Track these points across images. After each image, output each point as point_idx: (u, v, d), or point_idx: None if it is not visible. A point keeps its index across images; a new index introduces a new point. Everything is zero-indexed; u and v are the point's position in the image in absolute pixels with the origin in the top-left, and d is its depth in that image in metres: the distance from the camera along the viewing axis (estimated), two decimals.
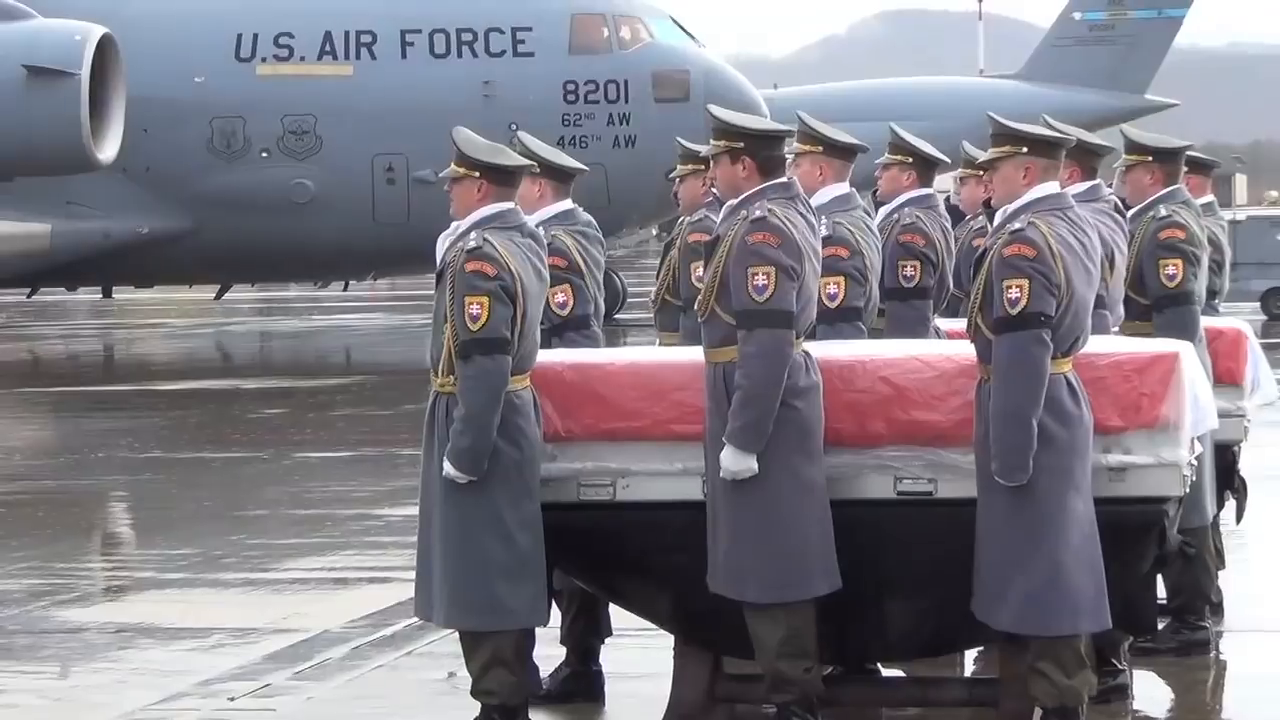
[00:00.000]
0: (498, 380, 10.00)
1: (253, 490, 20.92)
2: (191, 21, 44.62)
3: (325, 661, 12.67)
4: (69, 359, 41.42)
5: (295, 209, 44.03)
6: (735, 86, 42.74)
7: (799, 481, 9.88)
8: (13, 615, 14.60)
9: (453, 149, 10.57)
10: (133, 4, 44.43)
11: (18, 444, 27.45)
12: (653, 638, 11.31)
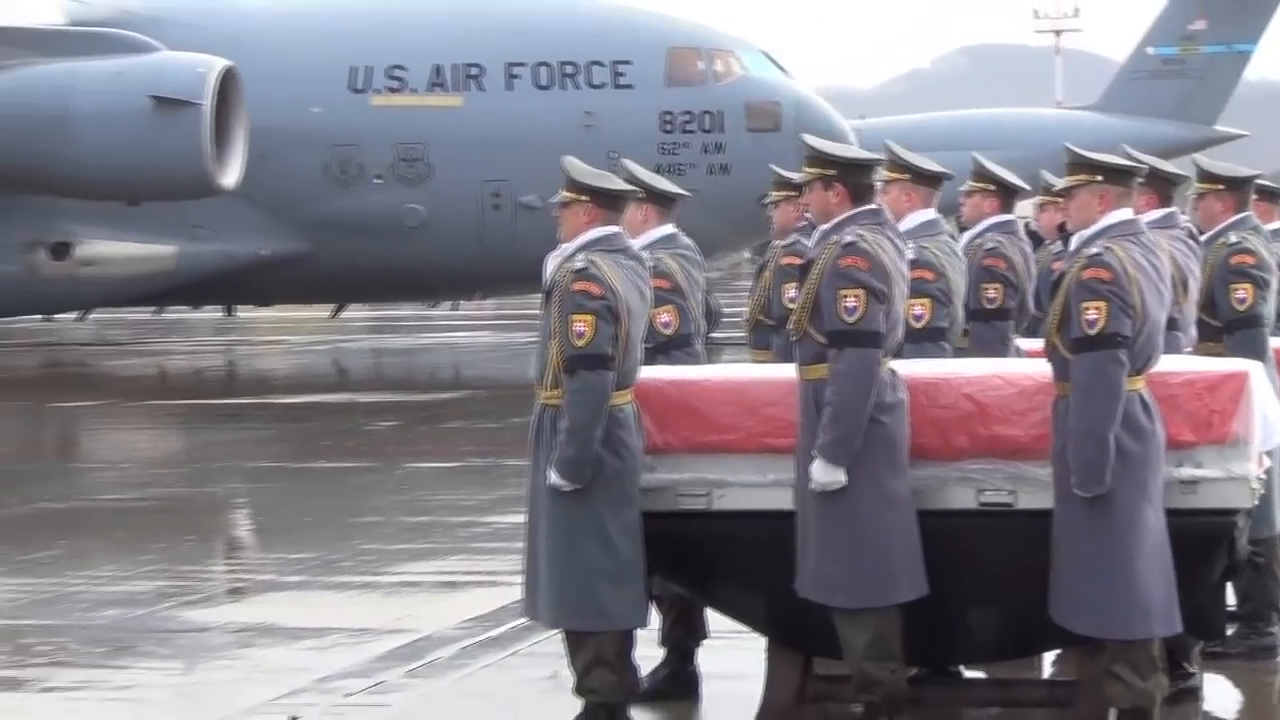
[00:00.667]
0: (601, 394, 10.11)
1: (366, 498, 21.03)
2: (309, 55, 44.79)
3: (436, 660, 12.77)
4: (194, 374, 41.65)
5: (407, 232, 44.20)
6: (824, 117, 42.72)
7: (885, 493, 9.95)
8: (141, 615, 14.74)
9: (562, 175, 10.70)
10: (254, 38, 44.63)
11: (146, 454, 27.66)
12: (746, 640, 11.35)
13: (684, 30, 45.36)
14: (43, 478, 24.20)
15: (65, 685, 12.62)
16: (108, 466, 26.33)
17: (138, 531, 19.30)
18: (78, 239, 44.92)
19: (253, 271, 45.33)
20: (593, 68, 44.01)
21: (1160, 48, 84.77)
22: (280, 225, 44.52)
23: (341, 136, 44.34)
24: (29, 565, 17.08)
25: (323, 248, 44.43)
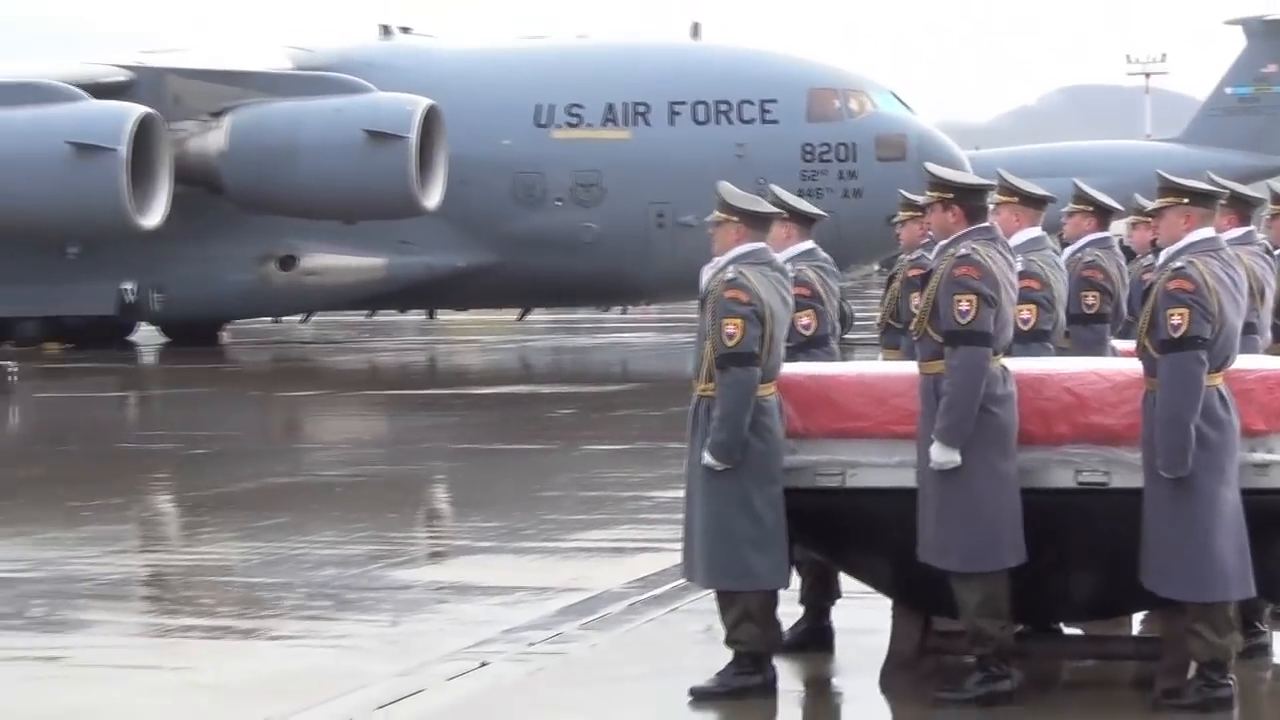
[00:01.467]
0: (748, 387, 10.16)
1: (548, 475, 21.09)
2: (500, 95, 45.02)
3: (606, 615, 12.78)
4: (399, 368, 41.86)
5: (583, 247, 44.36)
6: (944, 147, 42.59)
7: (995, 473, 9.97)
8: (355, 575, 14.82)
9: (717, 198, 10.76)
10: (452, 80, 44.88)
11: (358, 436, 27.81)
12: (874, 600, 11.34)
13: (823, 72, 45.34)
14: (271, 457, 24.38)
15: (290, 634, 12.72)
16: (326, 447, 26.55)
17: (351, 503, 19.43)
18: (302, 253, 45.39)
19: (451, 280, 45.74)
20: (743, 105, 44.14)
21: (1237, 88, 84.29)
22: (474, 241, 44.78)
23: (527, 165, 44.63)
24: (260, 531, 17.22)
25: (511, 260, 44.72)
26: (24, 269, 44.77)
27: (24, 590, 14.43)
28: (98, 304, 45.04)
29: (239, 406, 32.99)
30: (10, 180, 41.97)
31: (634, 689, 10.87)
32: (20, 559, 15.78)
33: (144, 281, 44.98)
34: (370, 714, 10.31)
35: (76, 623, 13.41)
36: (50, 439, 27.91)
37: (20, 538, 16.96)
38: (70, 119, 42.46)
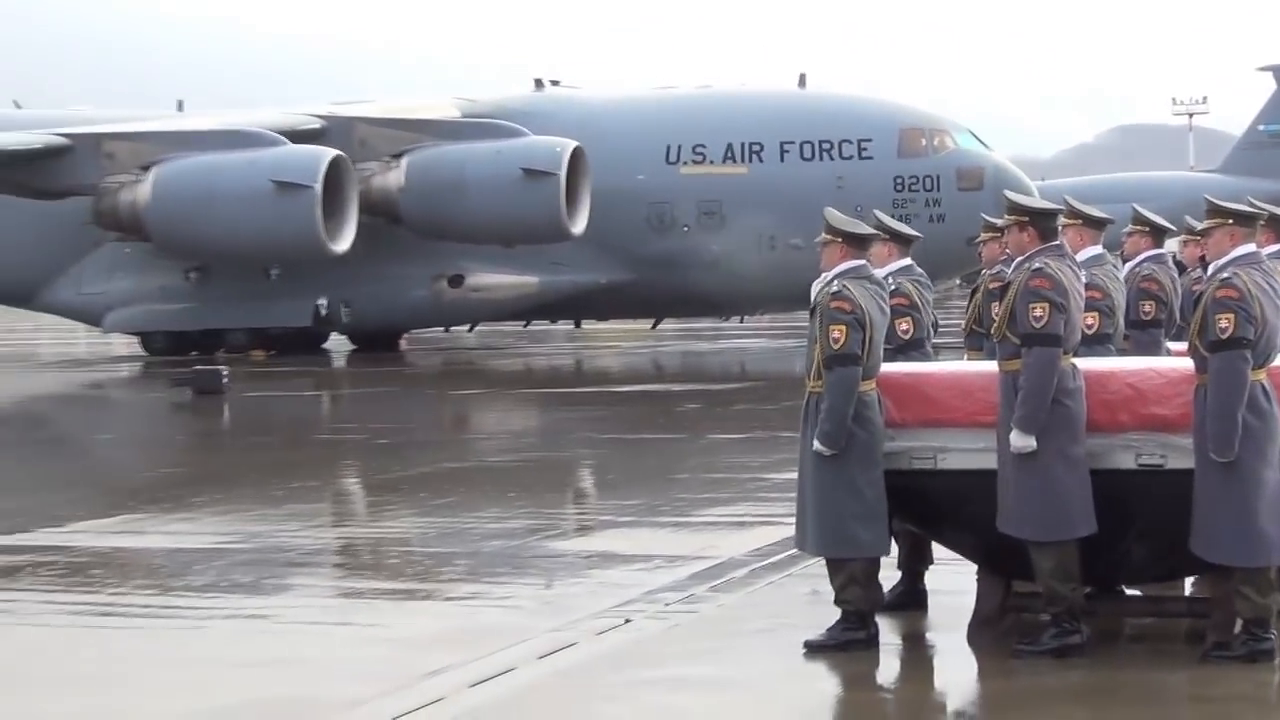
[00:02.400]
0: (851, 384, 10.24)
1: (678, 460, 21.06)
2: (635, 137, 45.21)
3: (731, 579, 12.77)
4: (551, 369, 42.00)
5: (707, 266, 44.45)
6: (1015, 179, 42.37)
7: (1067, 456, 10.01)
8: (516, 545, 14.86)
9: (824, 223, 10.84)
10: (595, 124, 45.06)
11: (516, 427, 27.94)
12: (962, 566, 11.30)
13: (911, 115, 45.26)
14: (444, 445, 24.52)
15: (461, 596, 12.79)
16: (489, 436, 26.63)
17: (511, 484, 19.46)
18: (469, 272, 45.69)
19: (594, 295, 45.98)
20: (843, 144, 44.20)
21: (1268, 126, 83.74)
22: (614, 261, 44.92)
23: (659, 196, 44.80)
24: (435, 508, 17.28)
25: (645, 278, 44.92)
26: (235, 288, 45.34)
27: (237, 559, 14.57)
28: (296, 317, 45.45)
29: (416, 403, 33.17)
30: (224, 213, 42.54)
31: (755, 642, 10.84)
32: (234, 532, 15.92)
33: (335, 298, 45.38)
34: (532, 663, 10.33)
35: (281, 586, 13.53)
36: (257, 431, 28.15)
37: (233, 515, 17.11)
38: (273, 161, 42.88)
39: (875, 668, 10.28)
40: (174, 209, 43.33)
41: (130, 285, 46.81)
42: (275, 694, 9.79)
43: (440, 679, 9.92)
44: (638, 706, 9.39)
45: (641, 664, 10.31)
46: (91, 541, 15.63)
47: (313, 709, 9.35)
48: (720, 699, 9.54)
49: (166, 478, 21.85)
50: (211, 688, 10.00)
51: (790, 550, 12.22)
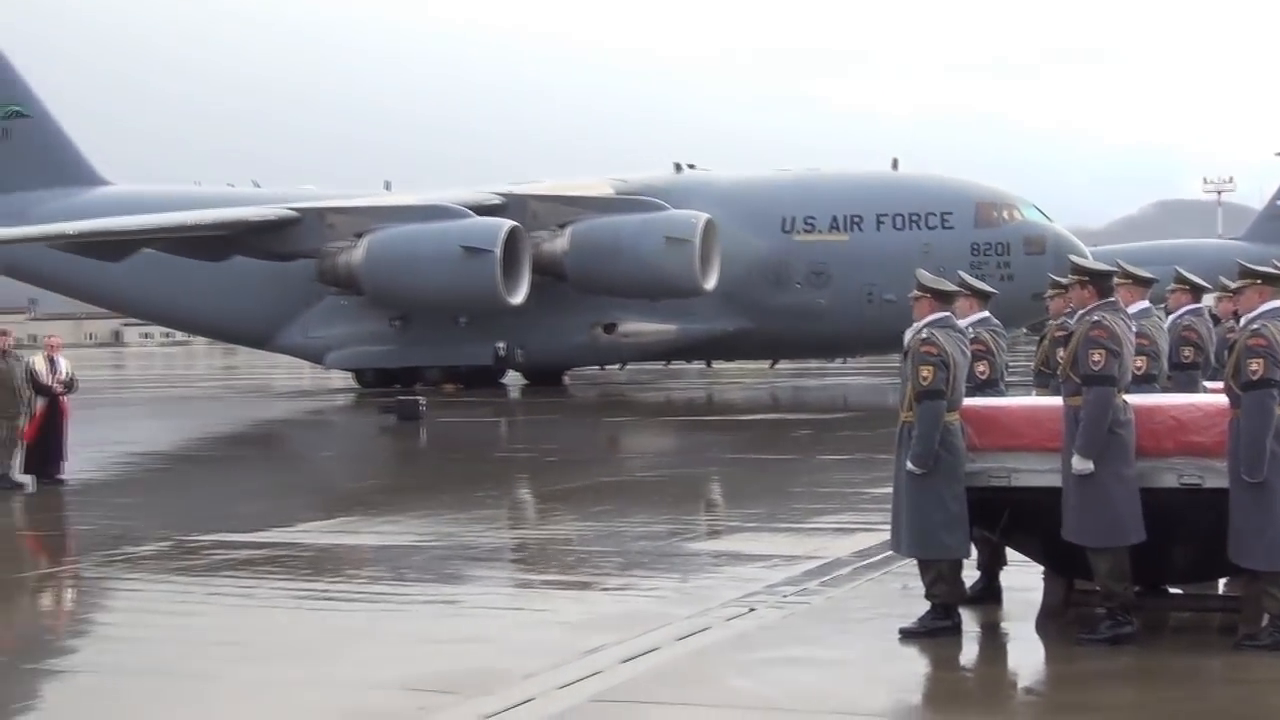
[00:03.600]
0: (938, 415, 10.28)
1: (793, 476, 20.96)
2: (757, 210, 45.33)
3: (837, 576, 12.69)
4: (686, 400, 41.93)
5: (816, 316, 44.34)
6: (1073, 245, 42.01)
7: (1120, 477, 9.97)
8: (660, 545, 14.85)
9: (915, 281, 10.85)
10: (725, 200, 45.24)
11: (657, 448, 27.87)
12: (1031, 567, 11.21)
13: (986, 191, 45.00)
14: (599, 463, 24.49)
15: (614, 587, 12.77)
16: (637, 455, 26.58)
17: (656, 494, 19.42)
18: (621, 321, 45.93)
19: (722, 340, 46.16)
20: (928, 215, 44.12)
21: None
22: (739, 312, 45.03)
23: (776, 259, 44.89)
24: (593, 514, 17.27)
25: (764, 326, 45.07)
26: (430, 333, 45.81)
27: (433, 554, 14.65)
28: (480, 357, 45.84)
29: (577, 428, 33.26)
30: (422, 272, 43.09)
31: (858, 629, 10.78)
32: (430, 532, 16.01)
33: (511, 341, 45.75)
34: (672, 644, 10.33)
35: (468, 577, 13.59)
36: (448, 450, 28.33)
37: (429, 518, 17.19)
38: (462, 230, 43.33)
39: (958, 651, 10.21)
40: (382, 269, 44.00)
41: (346, 331, 47.47)
42: (464, 666, 9.84)
43: (597, 656, 9.94)
44: (761, 680, 9.33)
45: (764, 646, 10.25)
46: (315, 539, 15.79)
47: (495, 679, 9.37)
48: (829, 675, 9.50)
49: (375, 487, 22.05)
50: (412, 660, 10.09)
51: (887, 552, 12.16)
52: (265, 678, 9.81)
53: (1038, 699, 9.46)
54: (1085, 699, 9.05)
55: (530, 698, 8.92)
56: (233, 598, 12.65)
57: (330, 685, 9.44)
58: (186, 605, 12.42)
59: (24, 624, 12.41)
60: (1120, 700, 9.03)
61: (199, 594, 12.86)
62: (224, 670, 10.02)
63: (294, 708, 8.96)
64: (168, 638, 11.19)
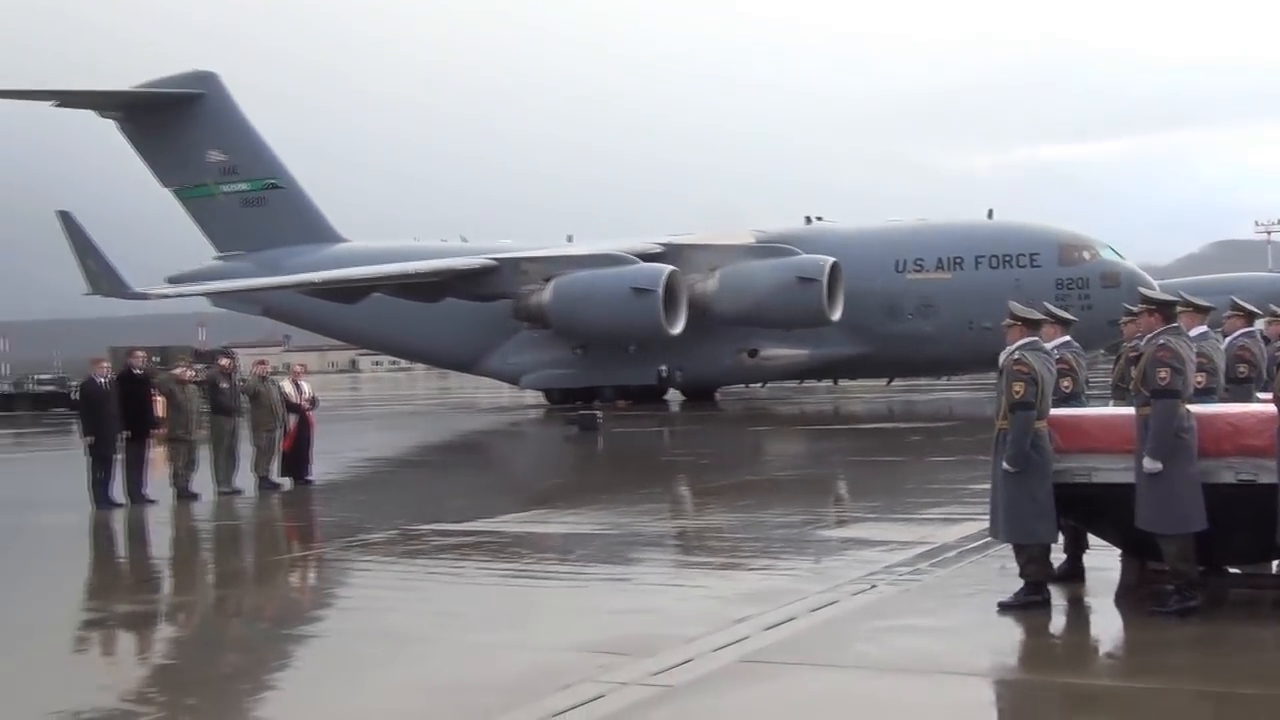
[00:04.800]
0: (1028, 424, 10.21)
1: (905, 476, 20.77)
2: (874, 254, 44.97)
3: (944, 558, 12.55)
4: (817, 412, 41.62)
5: (924, 342, 43.93)
6: (1142, 279, 41.14)
7: (1184, 475, 9.84)
8: (796, 532, 14.78)
9: (1007, 311, 10.78)
10: (847, 246, 44.93)
11: (793, 452, 27.73)
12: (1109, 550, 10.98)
13: (1068, 235, 44.22)
14: (745, 464, 24.46)
15: (758, 567, 12.71)
16: (775, 458, 26.46)
17: (792, 490, 19.37)
18: (761, 347, 45.87)
19: (846, 362, 45.89)
20: (1019, 256, 43.56)
21: None
22: (860, 339, 44.73)
23: (890, 295, 44.58)
24: (739, 507, 17.24)
25: (881, 350, 44.88)
26: (606, 358, 46.06)
27: (609, 540, 14.74)
28: (646, 378, 46.01)
29: (726, 436, 33.22)
30: (599, 309, 43.44)
31: (963, 602, 10.65)
32: (606, 522, 16.10)
33: (671, 364, 45.86)
34: (807, 614, 10.28)
35: (637, 559, 13.66)
36: (620, 455, 28.45)
37: (606, 510, 17.29)
38: (631, 274, 43.58)
39: (1048, 621, 10.05)
40: (566, 307, 44.41)
41: (537, 358, 47.94)
42: (635, 632, 9.87)
43: (745, 624, 9.93)
44: (881, 645, 9.27)
45: (883, 616, 10.18)
46: (513, 528, 15.93)
47: (659, 643, 9.39)
48: (938, 640, 9.38)
49: (561, 486, 22.23)
50: (592, 627, 10.15)
51: (986, 539, 11.98)
52: (475, 641, 9.95)
53: (1116, 661, 9.28)
54: (1157, 662, 8.89)
55: (689, 659, 8.93)
56: (447, 576, 12.83)
57: (526, 648, 9.53)
58: (410, 582, 12.62)
59: (281, 597, 12.72)
60: (1186, 663, 8.85)
61: (420, 573, 13.06)
62: (441, 634, 10.18)
63: (499, 665, 9.07)
64: (395, 608, 11.38)
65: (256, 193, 54.50)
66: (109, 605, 12.28)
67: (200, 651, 10.37)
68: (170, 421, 20.94)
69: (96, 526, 17.88)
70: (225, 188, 54.55)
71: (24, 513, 19.02)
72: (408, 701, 8.23)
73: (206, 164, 54.37)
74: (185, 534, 17.23)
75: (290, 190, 54.75)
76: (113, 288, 47.30)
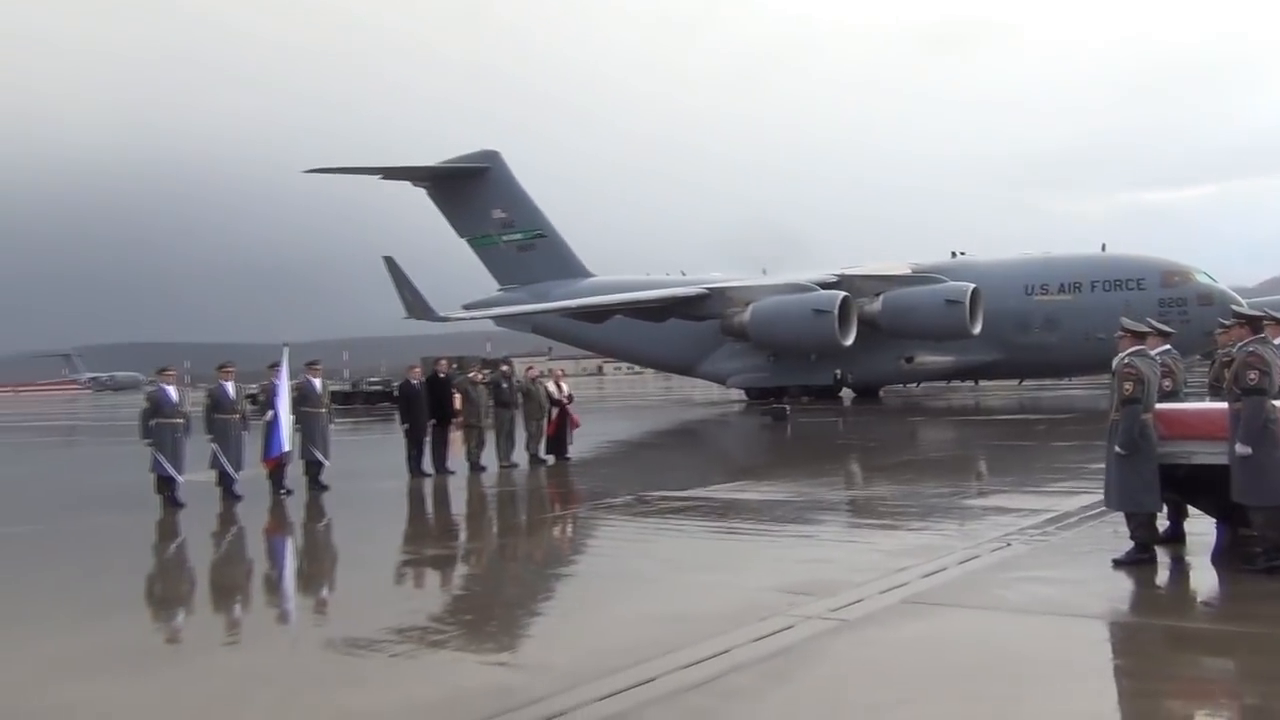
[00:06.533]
0: (1137, 415, 9.87)
1: (1032, 460, 19.97)
2: (1008, 280, 43.65)
3: (1067, 523, 12.06)
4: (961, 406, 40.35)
5: (1049, 350, 42.44)
6: (1232, 297, 39.18)
7: (1273, 457, 9.28)
8: (946, 500, 14.37)
9: (1119, 325, 10.30)
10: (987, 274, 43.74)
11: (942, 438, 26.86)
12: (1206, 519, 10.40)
13: (1169, 263, 42.05)
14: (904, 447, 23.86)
15: (915, 528, 12.39)
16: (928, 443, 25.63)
17: (941, 468, 18.82)
18: (917, 354, 44.82)
19: (985, 366, 44.51)
20: (1127, 281, 41.66)
21: None
22: (996, 348, 43.41)
23: (1021, 313, 43.19)
24: (900, 480, 16.81)
25: (1014, 357, 43.52)
26: (793, 364, 45.74)
27: (795, 506, 14.51)
28: (825, 379, 45.50)
29: (889, 426, 32.45)
30: (788, 327, 43.25)
31: (1083, 559, 10.21)
32: (794, 491, 15.91)
33: (845, 368, 45.28)
34: (954, 566, 10.02)
35: (818, 520, 13.39)
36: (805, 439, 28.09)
37: (793, 481, 17.03)
38: (813, 299, 43.23)
39: (1154, 575, 9.56)
40: (762, 325, 44.23)
41: (740, 364, 47.91)
42: (817, 577, 9.76)
43: (904, 573, 9.73)
44: (1016, 592, 8.96)
45: (1017, 569, 9.83)
46: (721, 495, 15.89)
47: (837, 585, 9.29)
48: (1062, 589, 9.03)
49: (759, 462, 22.08)
50: (783, 572, 10.07)
51: (1102, 508, 11.45)
52: (692, 581, 9.96)
53: (1212, 610, 8.79)
54: (1247, 610, 8.40)
55: (860, 599, 8.80)
56: (672, 532, 12.86)
57: (732, 588, 9.52)
58: (643, 535, 12.70)
59: (545, 546, 12.95)
60: (1273, 612, 8.33)
61: (651, 529, 13.12)
62: (666, 575, 10.23)
63: (712, 600, 9.07)
64: (632, 556, 11.48)
65: (528, 240, 55.95)
66: (420, 549, 12.71)
67: (487, 585, 10.64)
68: (465, 412, 21.62)
69: (411, 490, 18.49)
70: (505, 237, 56.14)
71: (360, 480, 19.79)
72: (643, 627, 8.31)
73: (492, 220, 56.09)
74: (476, 497, 17.70)
75: (553, 238, 56.11)
76: (423, 313, 49.15)
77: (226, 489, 17.52)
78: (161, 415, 17.26)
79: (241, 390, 18.60)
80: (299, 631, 8.84)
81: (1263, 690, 6.49)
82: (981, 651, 7.34)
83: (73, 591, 10.50)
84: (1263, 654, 7.30)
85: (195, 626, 9.21)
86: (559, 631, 8.52)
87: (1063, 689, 6.54)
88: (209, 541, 13.83)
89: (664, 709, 6.35)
